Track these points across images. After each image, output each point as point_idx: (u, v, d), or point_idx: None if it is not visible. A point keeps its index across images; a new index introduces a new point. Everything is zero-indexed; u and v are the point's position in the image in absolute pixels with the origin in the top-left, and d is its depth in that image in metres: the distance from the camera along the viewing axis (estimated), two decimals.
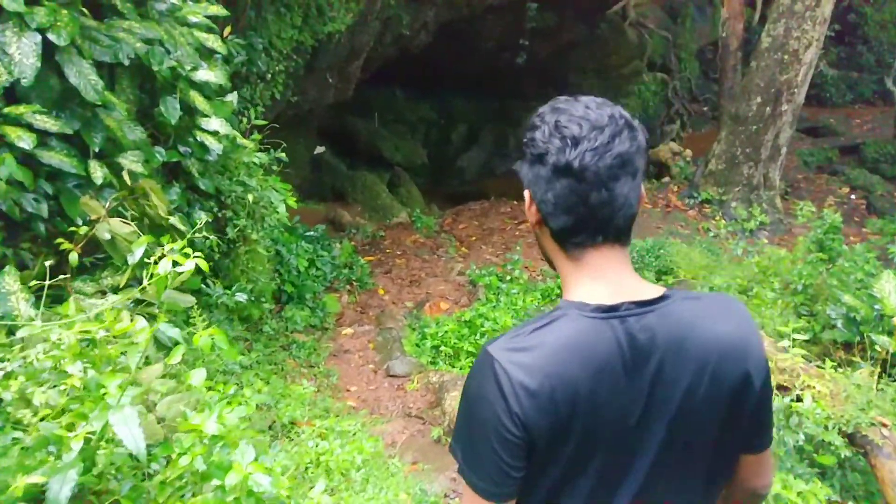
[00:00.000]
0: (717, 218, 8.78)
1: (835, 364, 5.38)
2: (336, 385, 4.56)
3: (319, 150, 12.56)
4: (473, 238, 8.81)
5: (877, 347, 5.10)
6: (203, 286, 3.58)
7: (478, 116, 16.25)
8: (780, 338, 4.88)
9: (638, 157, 1.03)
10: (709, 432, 1.05)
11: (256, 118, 6.26)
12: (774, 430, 2.21)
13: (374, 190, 10.85)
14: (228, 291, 3.71)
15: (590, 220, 1.02)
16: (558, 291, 6.43)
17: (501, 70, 14.47)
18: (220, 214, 3.91)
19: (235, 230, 3.93)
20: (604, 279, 1.05)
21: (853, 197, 11.42)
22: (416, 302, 6.38)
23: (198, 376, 2.06)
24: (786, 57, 8.16)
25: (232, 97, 4.28)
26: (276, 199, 4.22)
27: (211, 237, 3.81)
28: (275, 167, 4.52)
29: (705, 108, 17.20)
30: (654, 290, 1.06)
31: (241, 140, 4.20)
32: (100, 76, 2.91)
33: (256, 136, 4.47)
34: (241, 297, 3.74)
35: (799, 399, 3.46)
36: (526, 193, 1.10)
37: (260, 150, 4.52)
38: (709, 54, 18.00)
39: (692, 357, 1.02)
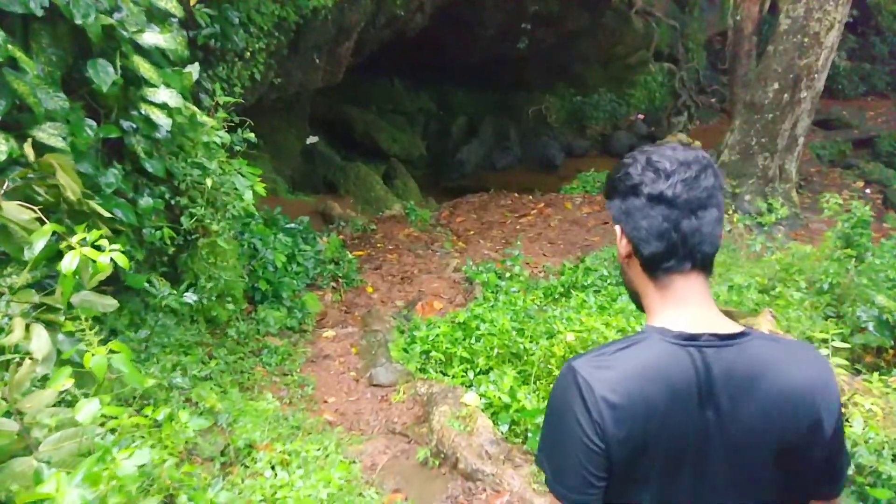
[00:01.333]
0: (731, 211, 8.25)
1: (865, 371, 4.88)
2: (311, 396, 4.05)
3: (313, 140, 12.06)
4: (471, 232, 8.29)
5: None
6: (147, 285, 3.07)
7: (478, 108, 15.72)
8: (811, 344, 4.38)
9: (720, 194, 1.12)
10: (775, 475, 1.08)
11: (224, 95, 5.78)
12: None
13: (367, 181, 10.34)
14: (175, 291, 3.20)
15: (680, 246, 1.09)
16: (561, 290, 5.92)
17: (503, 59, 13.94)
18: (173, 201, 3.40)
19: (192, 220, 3.42)
20: (687, 308, 1.11)
21: (868, 191, 10.88)
22: (408, 301, 5.87)
23: (87, 410, 1.55)
24: (806, 40, 7.61)
25: (193, 69, 3.76)
26: (241, 184, 3.71)
27: (163, 227, 3.30)
28: (239, 148, 4.00)
29: (713, 100, 16.64)
30: (734, 326, 1.11)
31: (202, 117, 3.68)
32: (9, 31, 2.39)
33: (222, 114, 3.95)
34: (190, 298, 3.23)
35: (847, 420, 2.95)
36: (617, 228, 1.17)
37: (229, 131, 4.00)
38: (717, 45, 17.43)
39: (763, 398, 1.05)
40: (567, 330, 4.04)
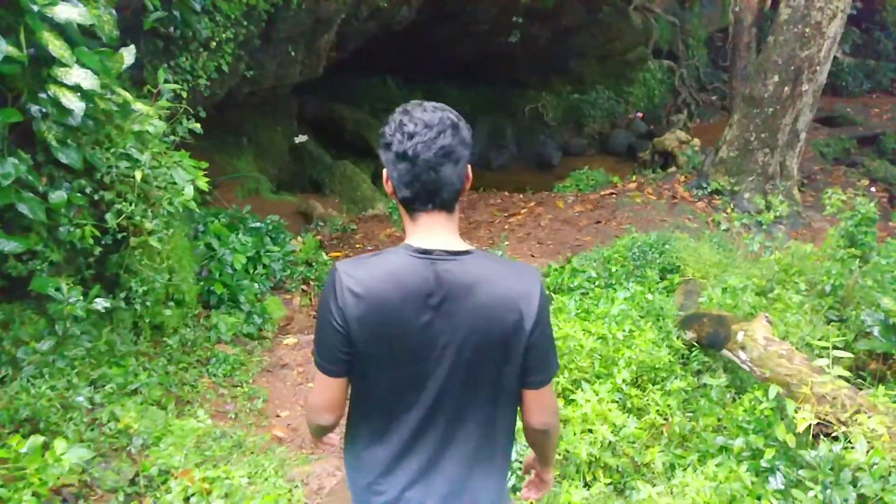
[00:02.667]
0: (729, 210, 7.89)
1: (870, 379, 4.51)
2: (262, 410, 3.70)
3: (301, 139, 11.76)
4: None
5: None
6: (54, 291, 2.73)
7: (473, 106, 15.36)
8: (811, 352, 4.01)
9: (460, 149, 1.37)
10: (489, 364, 1.39)
11: (188, 86, 5.45)
12: (820, 487, 2.44)
13: (353, 180, 10.01)
14: (82, 297, 2.84)
15: (422, 193, 1.37)
16: (546, 293, 5.56)
17: (498, 56, 13.59)
18: (97, 196, 3.06)
19: (119, 217, 3.08)
20: (429, 234, 1.39)
21: (873, 190, 10.49)
22: None
23: None
24: (807, 30, 7.24)
25: (127, 52, 3.43)
26: (181, 178, 3.36)
27: (86, 225, 2.96)
28: (176, 138, 3.65)
29: (714, 98, 16.25)
30: (463, 246, 1.41)
31: (136, 104, 3.34)
32: None
33: (163, 102, 3.61)
34: (101, 304, 2.88)
35: (848, 440, 2.59)
36: (384, 171, 1.44)
37: (168, 120, 3.66)
38: (718, 41, 17.04)
39: (478, 301, 1.35)
40: None
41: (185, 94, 5.58)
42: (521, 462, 2.45)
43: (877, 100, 15.45)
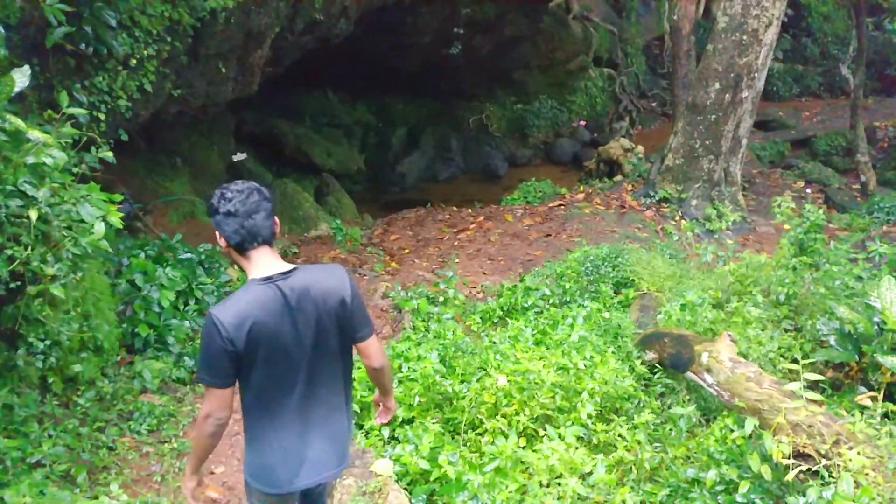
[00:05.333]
0: (677, 218, 7.88)
1: (829, 389, 4.44)
2: None
3: (240, 157, 11.27)
4: (406, 251, 7.66)
5: (882, 370, 4.20)
6: None
7: (418, 119, 15.14)
8: (775, 369, 3.90)
9: (265, 203, 1.98)
10: (332, 336, 2.03)
11: (105, 109, 5.01)
12: None
13: (295, 199, 9.59)
14: None
15: (248, 236, 1.95)
16: (500, 313, 5.34)
17: (441, 68, 13.42)
18: None
19: (11, 264, 2.66)
20: (261, 265, 1.97)
21: (809, 191, 10.78)
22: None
23: None
24: (744, 38, 7.32)
25: (19, 73, 3.02)
26: (89, 215, 2.96)
27: None
28: (83, 171, 3.24)
29: (654, 104, 16.54)
30: (289, 266, 2.00)
31: (32, 132, 2.93)
32: None
33: (69, 129, 3.20)
34: None
35: (830, 475, 2.43)
36: (217, 233, 2.00)
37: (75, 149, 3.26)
38: (655, 49, 17.40)
39: (313, 297, 1.98)
40: (499, 370, 3.44)
41: (102, 117, 5.15)
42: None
43: (806, 104, 16.02)
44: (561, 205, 8.61)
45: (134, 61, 5.28)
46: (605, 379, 3.37)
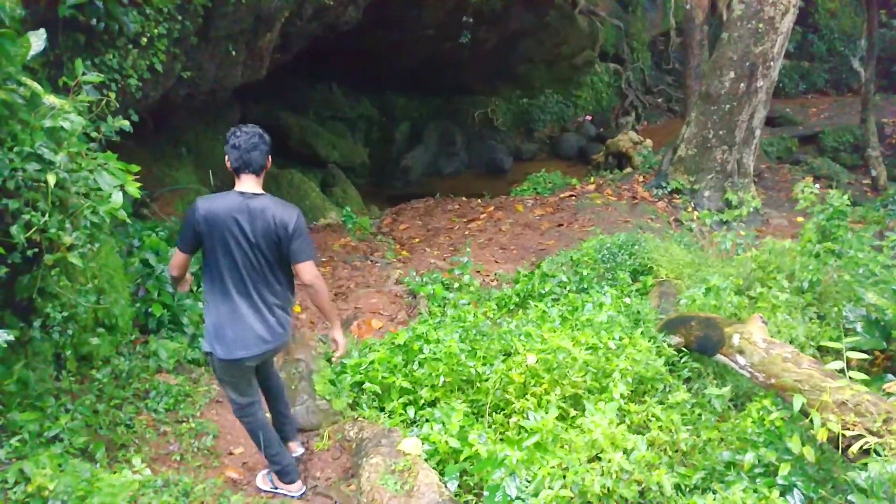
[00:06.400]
0: (690, 208, 7.79)
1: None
2: (212, 448, 3.21)
3: None
4: (416, 240, 7.55)
5: None
6: None
7: (422, 114, 15.04)
8: (815, 353, 3.81)
9: (262, 146, 2.76)
10: (270, 249, 2.72)
11: (114, 89, 4.91)
12: None
13: (301, 189, 9.48)
14: None
15: (242, 165, 2.72)
16: (517, 300, 5.24)
17: (445, 62, 13.32)
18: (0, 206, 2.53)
19: (28, 230, 2.56)
20: (245, 185, 2.74)
21: (818, 186, 10.68)
22: (341, 320, 5.06)
23: None
24: (760, 26, 7.23)
25: (36, 36, 2.92)
26: (106, 183, 2.86)
27: None
28: (99, 137, 3.13)
29: (660, 100, 16.46)
30: (261, 192, 2.76)
31: (48, 98, 2.83)
32: None
33: (85, 97, 3.09)
34: (1, 336, 2.36)
35: (885, 456, 2.33)
36: (226, 157, 2.80)
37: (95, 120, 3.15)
38: (660, 45, 17.32)
39: (266, 216, 2.68)
40: (527, 349, 3.34)
41: (112, 95, 5.03)
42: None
43: (812, 100, 15.95)
44: (572, 195, 8.51)
45: (144, 40, 5.16)
46: (636, 359, 3.27)
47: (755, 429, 2.94)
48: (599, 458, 2.46)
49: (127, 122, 3.24)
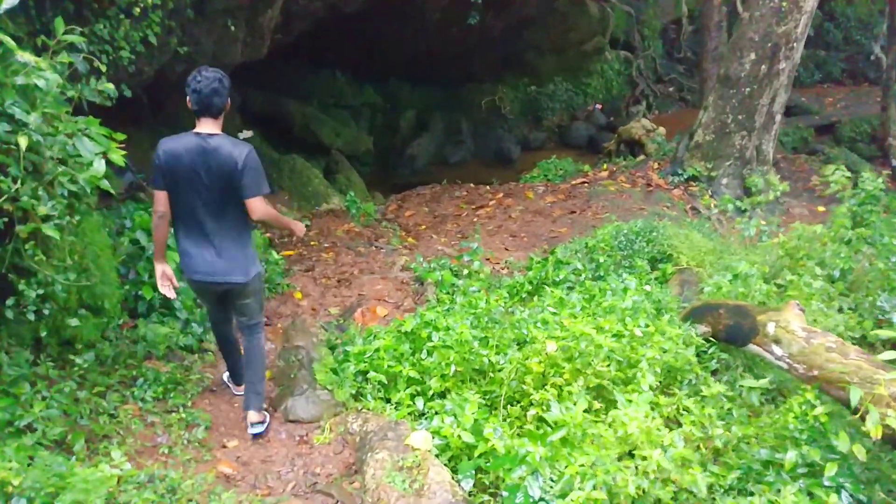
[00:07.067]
0: (707, 196, 7.50)
1: None
2: (203, 441, 2.96)
3: (246, 134, 10.89)
4: (422, 227, 7.29)
5: None
6: None
7: (427, 102, 14.73)
8: (853, 341, 3.53)
9: (221, 89, 2.93)
10: (224, 186, 2.90)
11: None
12: None
13: (304, 175, 9.20)
14: None
15: (202, 108, 2.91)
16: (529, 287, 4.97)
17: (451, 49, 13.00)
18: None
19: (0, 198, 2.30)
20: (202, 127, 2.95)
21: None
22: (344, 308, 4.82)
23: None
24: (784, 4, 6.91)
25: None
26: (87, 150, 2.60)
27: None
28: (75, 96, 2.85)
29: (671, 89, 16.10)
30: (218, 133, 2.96)
31: (23, 55, 2.57)
32: None
33: (64, 57, 2.83)
34: None
35: None
36: (187, 99, 2.96)
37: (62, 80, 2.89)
38: (672, 33, 16.96)
39: (219, 154, 2.88)
40: (545, 336, 3.08)
41: (103, 69, 4.78)
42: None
43: (829, 90, 15.58)
44: (584, 182, 8.23)
45: (137, 10, 4.91)
46: (664, 348, 3.00)
47: (797, 425, 2.67)
48: (631, 455, 2.20)
49: (111, 86, 2.98)
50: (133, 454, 2.68)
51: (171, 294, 3.07)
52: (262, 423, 3.06)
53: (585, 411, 2.65)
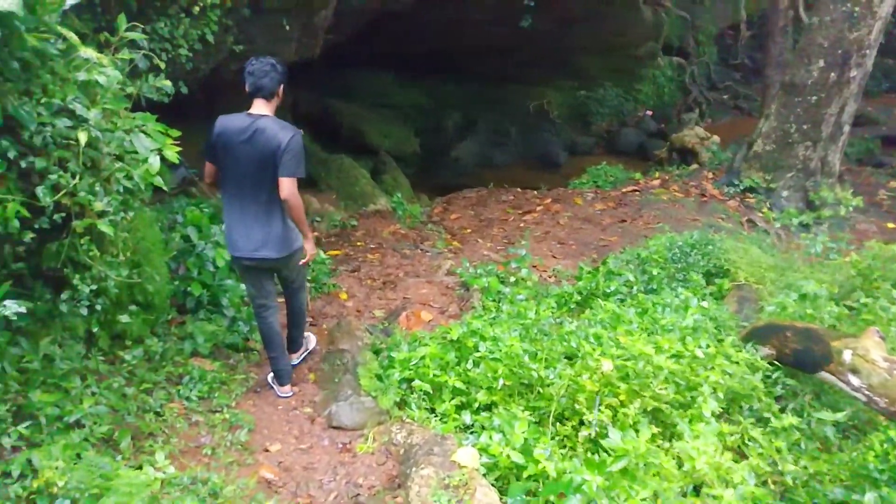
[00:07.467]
0: (765, 209, 7.18)
1: None
2: (246, 443, 2.92)
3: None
4: (468, 230, 7.19)
5: None
6: None
7: (473, 103, 14.62)
8: None
9: (273, 73, 3.17)
10: (268, 165, 3.05)
11: (165, 59, 4.70)
12: None
13: (351, 175, 9.21)
14: None
15: (255, 89, 3.15)
16: (577, 298, 4.81)
17: (499, 50, 12.85)
18: (24, 164, 2.28)
19: (56, 193, 2.30)
20: (255, 108, 3.15)
21: None
22: (389, 310, 4.75)
23: None
24: (857, 9, 6.56)
25: None
26: (143, 146, 2.59)
27: (6, 202, 2.18)
28: (134, 92, 2.85)
29: (725, 97, 15.61)
30: (267, 114, 3.15)
31: (85, 51, 2.57)
32: None
33: (126, 53, 2.83)
34: (11, 309, 2.10)
35: None
36: (245, 83, 3.22)
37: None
38: (728, 39, 16.45)
39: (266, 134, 3.04)
40: (600, 354, 2.93)
41: (162, 66, 4.84)
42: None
43: None
44: (635, 190, 7.99)
45: (196, 9, 4.95)
46: (728, 372, 2.83)
47: (877, 464, 2.47)
48: (695, 490, 2.05)
49: (169, 83, 2.97)
50: (177, 454, 2.65)
51: None
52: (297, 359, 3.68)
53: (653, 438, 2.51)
